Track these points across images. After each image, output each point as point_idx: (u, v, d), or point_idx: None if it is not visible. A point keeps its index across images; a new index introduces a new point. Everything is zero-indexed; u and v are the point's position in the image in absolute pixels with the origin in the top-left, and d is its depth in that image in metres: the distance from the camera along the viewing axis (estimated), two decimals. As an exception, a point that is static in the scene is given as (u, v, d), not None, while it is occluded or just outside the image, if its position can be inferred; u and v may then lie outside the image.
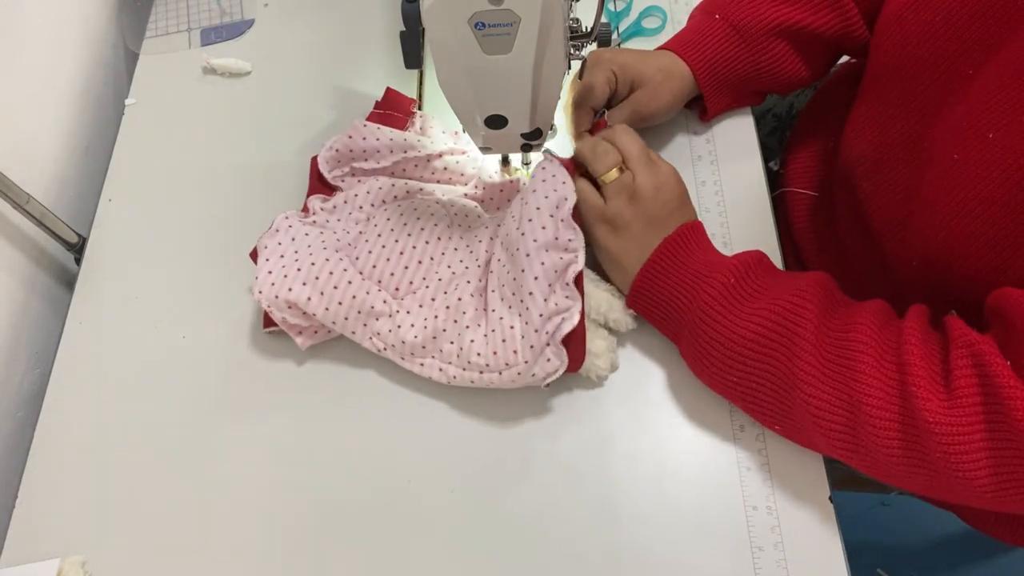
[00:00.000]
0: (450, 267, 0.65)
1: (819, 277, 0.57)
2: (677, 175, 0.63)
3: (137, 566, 0.60)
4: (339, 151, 0.71)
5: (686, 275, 0.58)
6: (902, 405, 0.49)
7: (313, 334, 0.65)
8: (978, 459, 0.46)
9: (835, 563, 0.55)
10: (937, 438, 0.47)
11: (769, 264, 0.60)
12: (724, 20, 0.69)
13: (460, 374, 0.60)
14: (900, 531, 1.29)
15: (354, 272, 0.63)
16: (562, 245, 0.59)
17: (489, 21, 0.51)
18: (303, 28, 0.88)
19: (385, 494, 0.61)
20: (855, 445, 0.52)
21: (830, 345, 0.53)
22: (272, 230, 0.66)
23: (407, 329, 0.61)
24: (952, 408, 0.47)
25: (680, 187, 0.62)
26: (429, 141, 0.73)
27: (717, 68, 0.70)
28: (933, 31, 0.56)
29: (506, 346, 0.58)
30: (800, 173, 0.81)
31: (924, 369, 0.48)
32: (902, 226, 0.61)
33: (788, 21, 0.68)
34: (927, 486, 0.51)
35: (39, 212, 0.72)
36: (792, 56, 0.70)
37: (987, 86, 0.52)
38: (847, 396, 0.51)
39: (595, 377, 0.62)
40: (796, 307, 0.54)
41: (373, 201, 0.69)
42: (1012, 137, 0.49)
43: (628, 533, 0.57)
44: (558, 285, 0.58)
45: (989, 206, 0.51)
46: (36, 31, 0.79)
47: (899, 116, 0.61)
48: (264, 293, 0.62)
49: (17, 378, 0.73)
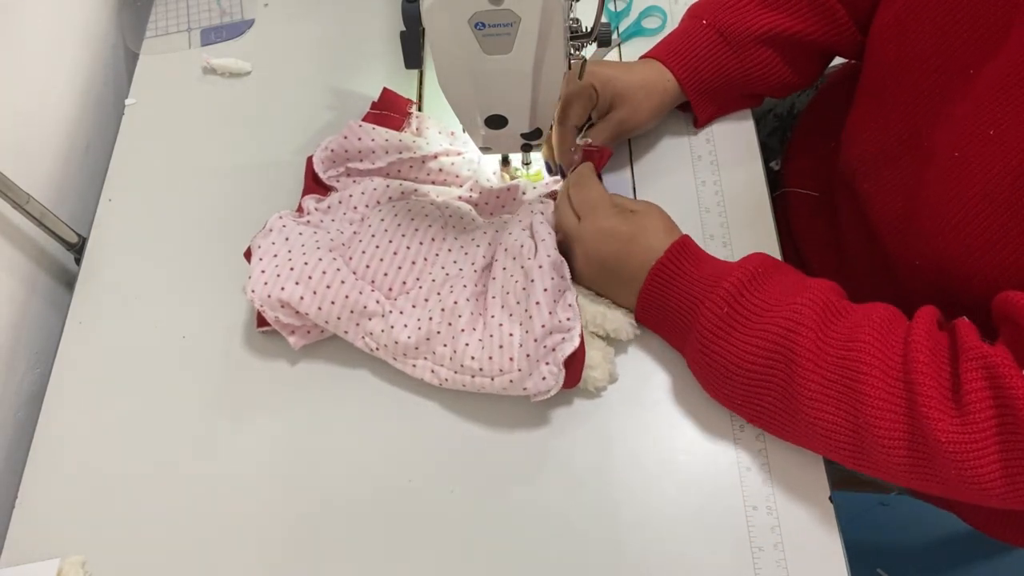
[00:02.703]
0: (444, 268, 0.65)
1: (819, 288, 0.55)
2: (609, 230, 0.60)
3: (137, 566, 0.60)
4: (334, 151, 0.71)
5: (681, 302, 0.58)
6: (910, 425, 0.48)
7: (306, 334, 0.65)
8: (992, 472, 0.46)
9: (835, 563, 0.55)
10: (950, 456, 0.46)
11: (765, 274, 0.56)
12: (711, 26, 0.69)
13: (452, 377, 0.60)
14: (900, 531, 1.29)
15: (347, 272, 0.63)
16: (561, 272, 0.61)
17: (489, 21, 0.51)
18: (303, 28, 0.88)
19: (385, 494, 0.61)
20: (866, 460, 0.52)
21: (832, 365, 0.51)
22: (266, 230, 0.66)
23: (400, 329, 0.61)
24: (964, 425, 0.46)
25: (605, 240, 0.60)
26: (425, 142, 0.73)
27: (703, 75, 0.69)
28: (934, 30, 0.56)
29: (502, 352, 0.58)
30: (801, 173, 0.81)
31: (933, 387, 0.47)
32: (903, 226, 0.61)
33: (776, 28, 0.67)
34: (942, 492, 0.51)
35: (39, 212, 0.72)
36: (780, 62, 0.70)
37: (988, 84, 0.52)
38: (853, 418, 0.50)
39: (593, 389, 0.62)
40: (791, 332, 0.53)
41: (368, 202, 0.69)
42: (1013, 134, 0.49)
43: (628, 533, 0.57)
44: (560, 306, 0.59)
45: (990, 203, 0.51)
46: (36, 31, 0.79)
47: (899, 115, 0.61)
48: (257, 292, 0.62)
49: (17, 378, 0.73)
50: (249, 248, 0.66)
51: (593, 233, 0.61)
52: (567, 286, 0.61)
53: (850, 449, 0.52)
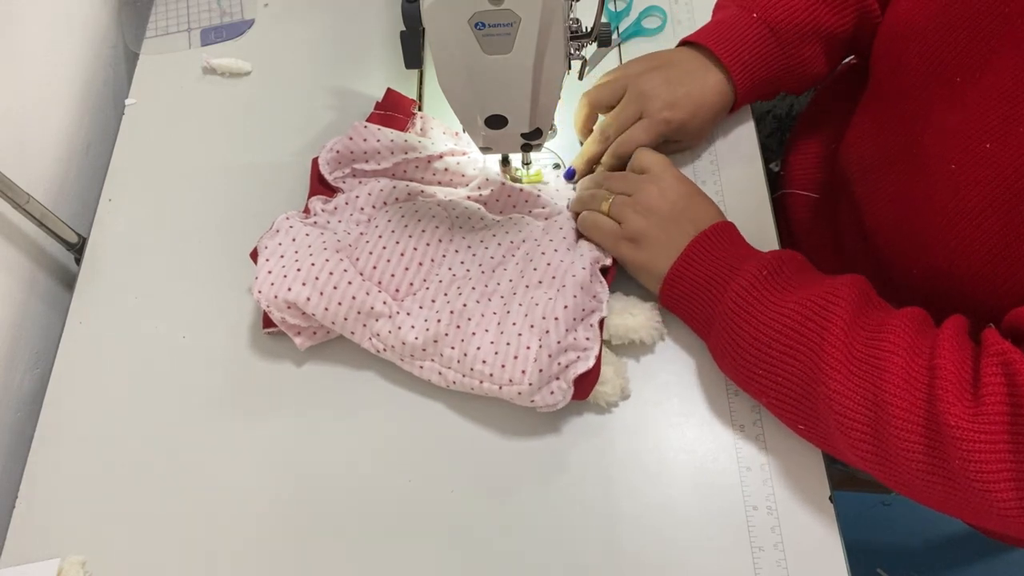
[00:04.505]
0: (451, 269, 0.65)
1: (855, 279, 0.56)
2: (672, 170, 0.64)
3: (137, 566, 0.60)
4: (340, 152, 0.71)
5: (719, 267, 0.59)
6: (928, 409, 0.48)
7: (312, 335, 0.65)
8: (1000, 470, 0.45)
9: (835, 563, 0.55)
10: (958, 444, 0.46)
11: (804, 262, 0.60)
12: (762, 20, 0.68)
13: (460, 380, 0.60)
14: (900, 531, 1.29)
15: (354, 273, 0.63)
16: (591, 292, 0.62)
17: (489, 21, 0.51)
18: (303, 28, 0.88)
19: (385, 494, 0.61)
20: (875, 447, 0.51)
21: (860, 343, 0.52)
22: (273, 230, 0.66)
23: (407, 330, 0.61)
24: (977, 416, 0.46)
25: (681, 183, 0.64)
26: (430, 142, 0.73)
27: (756, 75, 0.69)
28: (924, 39, 0.56)
29: (516, 363, 0.58)
30: (801, 175, 0.81)
31: (954, 375, 0.47)
32: (899, 233, 0.61)
33: (821, 22, 0.67)
34: (943, 499, 0.50)
35: (39, 212, 0.72)
36: (820, 57, 0.69)
37: (985, 97, 0.51)
38: (872, 395, 0.50)
39: (604, 403, 0.62)
40: (828, 304, 0.53)
41: (374, 202, 0.69)
42: (1010, 147, 0.49)
43: (628, 533, 0.57)
44: (582, 325, 0.60)
45: (987, 216, 0.51)
46: (36, 31, 0.79)
47: (894, 123, 0.61)
48: (264, 293, 0.62)
49: (17, 378, 0.73)
50: (256, 249, 0.66)
51: (675, 174, 0.64)
52: (597, 307, 0.62)
53: (863, 431, 0.51)
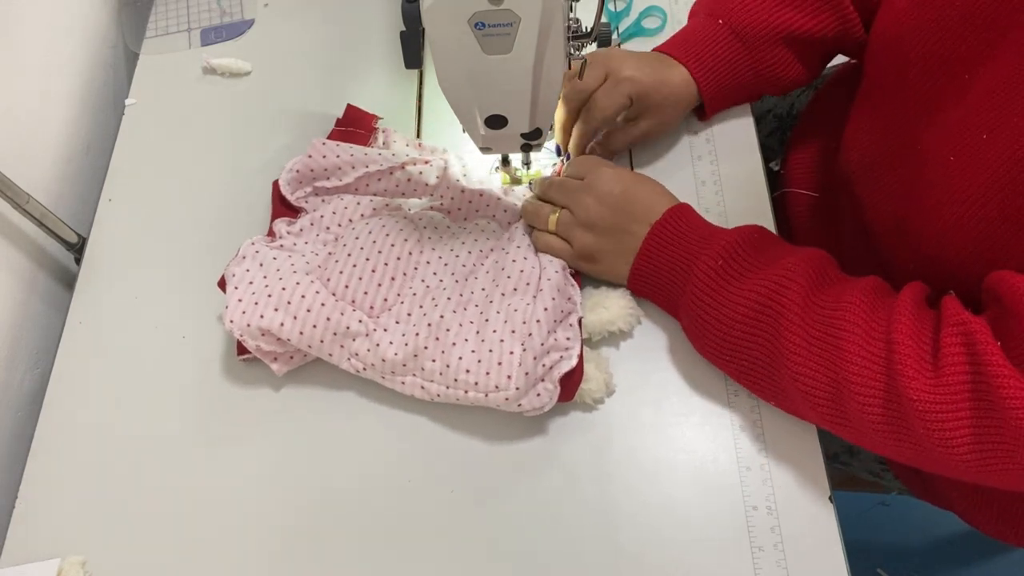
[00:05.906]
0: (424, 281, 0.64)
1: (812, 255, 0.57)
2: (605, 171, 0.64)
3: (137, 566, 0.60)
4: (300, 171, 0.70)
5: (678, 256, 0.60)
6: (887, 382, 0.49)
7: (289, 360, 0.64)
8: (962, 436, 0.47)
9: (835, 563, 0.55)
10: (921, 415, 0.48)
11: (763, 238, 0.60)
12: (727, 26, 0.69)
13: (444, 392, 0.59)
14: (900, 531, 1.29)
15: (327, 294, 0.62)
16: (566, 295, 0.63)
17: (489, 21, 0.51)
18: (303, 28, 0.88)
19: (385, 494, 0.61)
20: (843, 419, 0.53)
21: (816, 322, 0.53)
22: (239, 257, 0.65)
23: (386, 347, 0.60)
24: (938, 386, 0.47)
25: (616, 181, 0.64)
26: (391, 154, 0.72)
27: (722, 80, 0.70)
28: (929, 35, 0.56)
29: (501, 369, 0.58)
30: (801, 174, 0.81)
31: (912, 347, 0.49)
32: (900, 228, 0.61)
33: (790, 26, 0.68)
34: (913, 457, 0.52)
35: (39, 212, 0.72)
36: (791, 61, 0.70)
37: (983, 89, 0.52)
38: (832, 373, 0.52)
39: (590, 401, 0.62)
40: (781, 287, 0.55)
41: (340, 221, 0.69)
42: (1006, 138, 0.49)
43: (628, 533, 0.57)
44: (561, 327, 0.61)
45: (983, 207, 0.51)
46: (36, 31, 0.79)
47: (896, 119, 0.61)
48: (236, 322, 0.61)
49: (17, 378, 0.73)
50: (223, 277, 0.65)
51: (608, 174, 0.64)
52: (572, 308, 0.62)
53: (829, 406, 0.53)
